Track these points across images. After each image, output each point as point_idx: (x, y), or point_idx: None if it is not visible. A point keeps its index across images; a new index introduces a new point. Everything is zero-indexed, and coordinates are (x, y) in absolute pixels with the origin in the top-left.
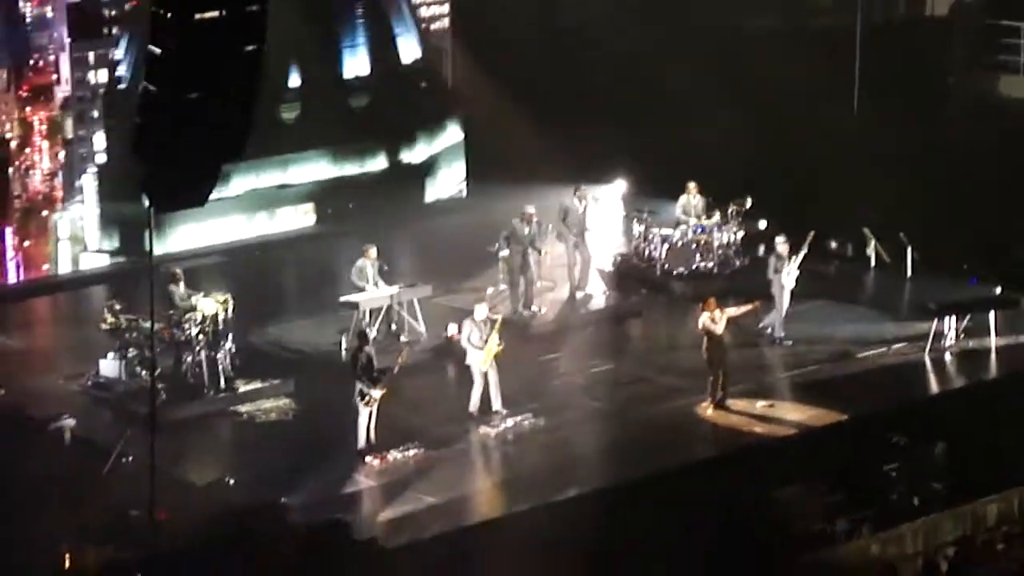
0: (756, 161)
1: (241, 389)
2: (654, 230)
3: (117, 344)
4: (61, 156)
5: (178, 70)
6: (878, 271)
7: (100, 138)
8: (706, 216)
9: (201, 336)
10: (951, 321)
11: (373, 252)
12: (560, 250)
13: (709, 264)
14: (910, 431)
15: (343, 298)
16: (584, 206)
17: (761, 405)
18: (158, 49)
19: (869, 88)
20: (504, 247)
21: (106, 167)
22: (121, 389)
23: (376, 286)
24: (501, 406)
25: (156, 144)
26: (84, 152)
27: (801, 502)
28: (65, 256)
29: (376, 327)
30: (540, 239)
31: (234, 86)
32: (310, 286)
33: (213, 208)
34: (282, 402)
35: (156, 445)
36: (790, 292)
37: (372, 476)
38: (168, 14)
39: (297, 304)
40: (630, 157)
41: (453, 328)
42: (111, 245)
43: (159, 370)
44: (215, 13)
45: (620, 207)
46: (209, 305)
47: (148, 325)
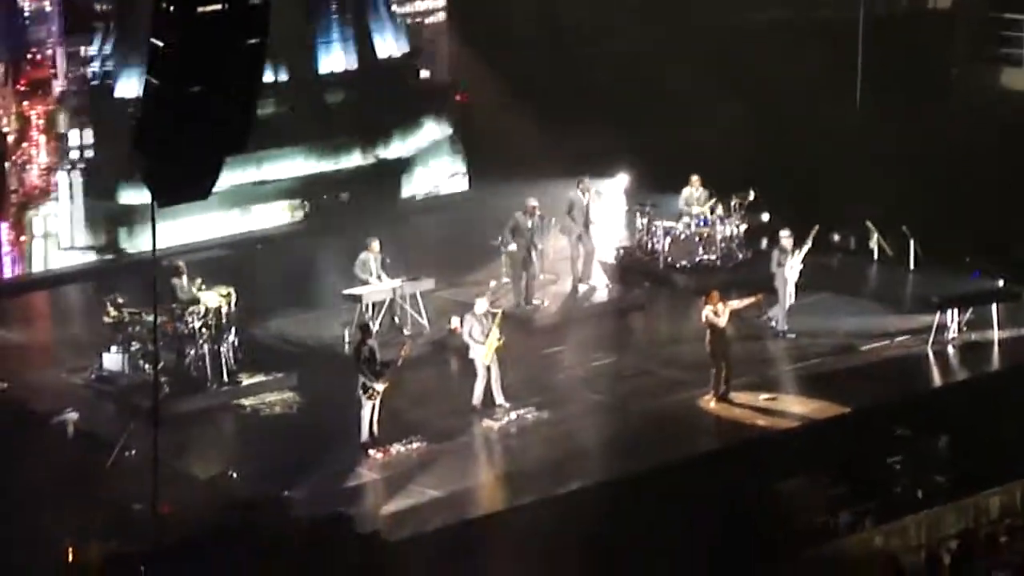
0: (759, 154)
1: (244, 382)
2: (657, 223)
3: (120, 338)
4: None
5: (180, 64)
6: (881, 264)
7: (76, 135)
8: (709, 209)
9: (204, 329)
10: (953, 314)
11: (376, 245)
12: (563, 243)
13: (712, 257)
14: (913, 424)
15: (346, 291)
16: (588, 199)
17: (764, 398)
18: (160, 43)
19: (872, 81)
20: (510, 240)
21: (85, 163)
22: (124, 383)
23: (379, 279)
24: (504, 399)
25: (158, 138)
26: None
27: (804, 495)
28: (41, 253)
29: (379, 320)
30: (543, 232)
31: (236, 80)
32: (311, 279)
33: (191, 205)
34: (285, 395)
35: (159, 439)
36: (795, 285)
37: (375, 469)
38: (170, 7)
39: (299, 297)
40: (633, 151)
41: (456, 321)
42: (86, 242)
43: (162, 363)
44: (217, 7)
45: (623, 200)
46: (212, 298)
47: (151, 319)
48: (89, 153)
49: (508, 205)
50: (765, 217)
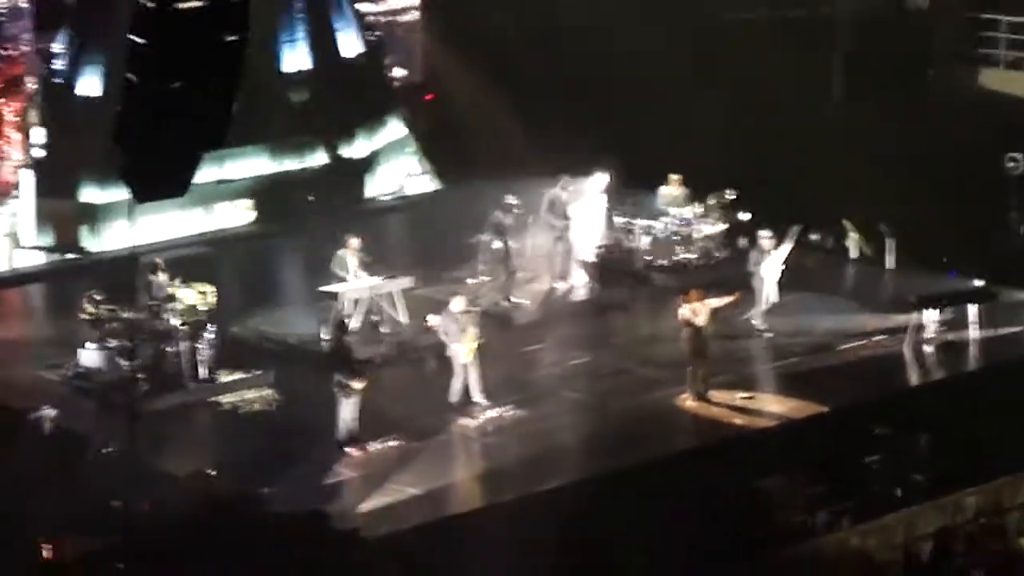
0: (737, 153)
1: (222, 379)
2: (636, 222)
3: (98, 334)
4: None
5: (159, 61)
6: (858, 263)
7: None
8: (688, 208)
9: (182, 326)
10: (931, 313)
11: (354, 242)
12: (542, 241)
13: (691, 256)
14: (891, 423)
15: (323, 288)
16: (567, 197)
17: (742, 397)
18: (140, 39)
19: (850, 81)
20: (495, 238)
21: (42, 162)
22: (102, 379)
23: (357, 277)
24: (482, 397)
25: (136, 135)
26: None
27: (782, 494)
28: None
29: (357, 318)
30: (521, 230)
31: (216, 76)
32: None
33: (150, 205)
34: (263, 393)
35: (137, 435)
36: (776, 284)
37: (352, 467)
38: (149, 4)
39: (279, 295)
40: (612, 149)
41: (434, 319)
42: (46, 241)
43: (140, 360)
44: (197, 3)
45: (602, 199)
46: (190, 295)
47: (129, 315)
48: (47, 152)
49: (484, 203)
50: (744, 216)
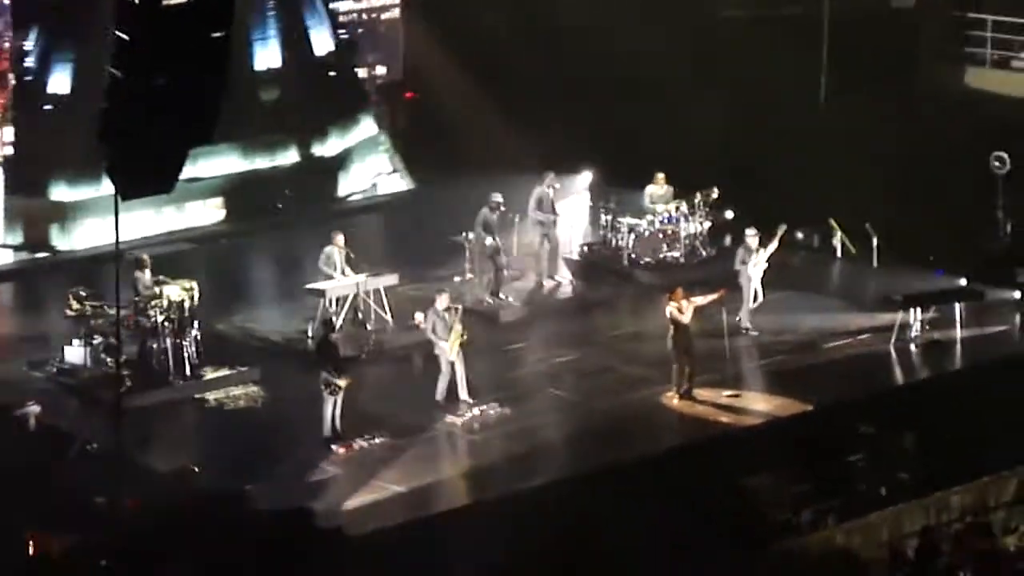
0: (723, 151)
1: (207, 376)
2: (621, 220)
3: (82, 331)
4: None
5: (144, 56)
6: (844, 262)
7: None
8: (674, 206)
9: (167, 323)
10: (916, 312)
11: (340, 239)
12: (527, 239)
13: (676, 254)
14: (876, 421)
15: (309, 285)
16: (553, 195)
17: (727, 395)
18: (125, 35)
19: (836, 80)
20: (483, 235)
21: (10, 160)
22: (86, 376)
23: (343, 274)
24: (468, 395)
25: (121, 130)
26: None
27: (767, 492)
28: None
29: (342, 315)
30: (506, 227)
31: (201, 72)
32: (275, 274)
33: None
34: (248, 390)
35: (121, 432)
36: (760, 283)
37: (338, 464)
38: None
39: (264, 292)
40: (597, 147)
41: (420, 317)
42: (15, 240)
43: (124, 357)
44: None
45: (587, 197)
46: (175, 292)
47: (113, 312)
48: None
49: (468, 201)
50: (729, 214)
